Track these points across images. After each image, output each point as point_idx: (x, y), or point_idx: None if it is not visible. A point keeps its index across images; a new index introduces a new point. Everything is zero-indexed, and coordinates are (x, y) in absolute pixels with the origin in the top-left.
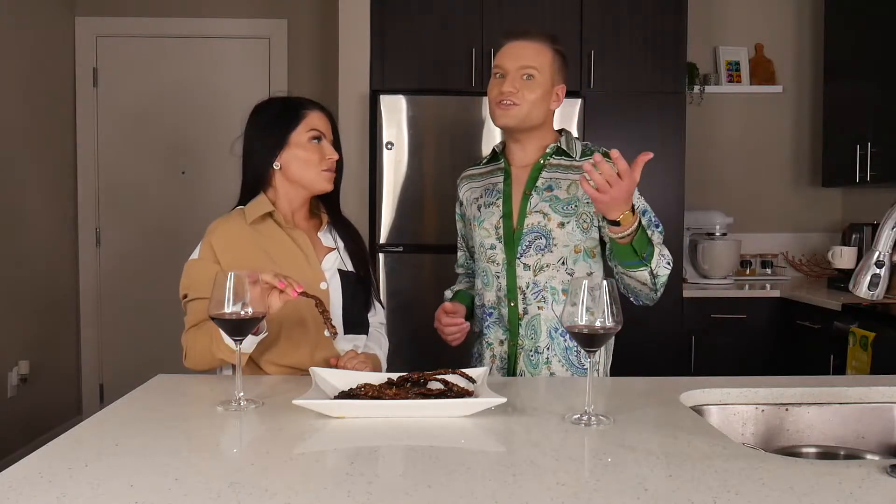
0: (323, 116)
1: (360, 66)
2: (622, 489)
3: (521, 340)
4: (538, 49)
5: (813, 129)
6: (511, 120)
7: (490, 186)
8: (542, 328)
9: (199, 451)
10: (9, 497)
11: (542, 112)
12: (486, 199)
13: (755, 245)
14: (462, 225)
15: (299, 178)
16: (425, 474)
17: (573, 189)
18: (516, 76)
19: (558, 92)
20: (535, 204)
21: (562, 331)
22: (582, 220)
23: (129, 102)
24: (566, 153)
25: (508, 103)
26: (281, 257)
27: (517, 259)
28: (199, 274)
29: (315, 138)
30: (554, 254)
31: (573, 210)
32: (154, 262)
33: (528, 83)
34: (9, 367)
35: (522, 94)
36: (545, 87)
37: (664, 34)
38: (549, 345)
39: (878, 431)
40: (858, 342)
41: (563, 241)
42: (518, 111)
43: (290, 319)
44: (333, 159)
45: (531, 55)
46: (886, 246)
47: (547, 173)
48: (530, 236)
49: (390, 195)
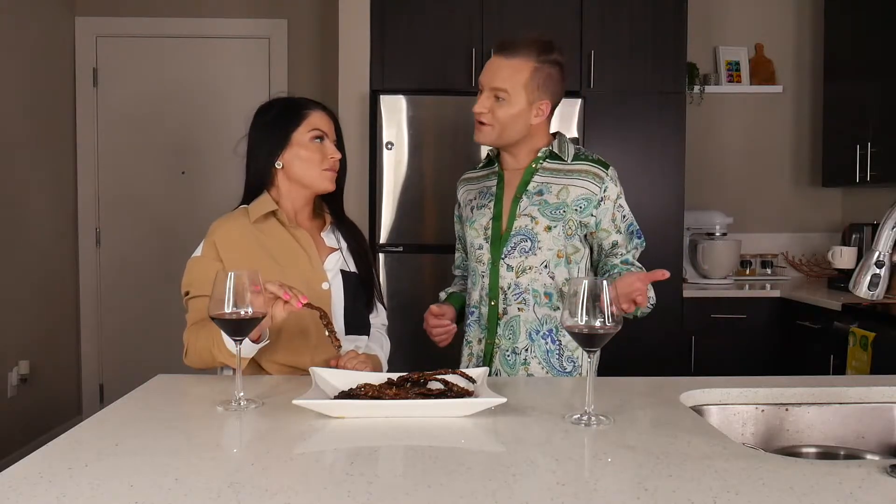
0: (325, 116)
1: (360, 66)
2: (622, 489)
3: (499, 340)
4: (516, 67)
5: (813, 129)
6: (484, 138)
7: (484, 189)
8: (521, 329)
9: (199, 451)
10: (9, 497)
11: (518, 129)
12: (478, 202)
13: (755, 245)
14: (459, 226)
15: (301, 178)
16: (425, 474)
17: (563, 194)
18: (489, 95)
19: (542, 107)
20: (525, 207)
21: (543, 333)
22: (567, 226)
23: (129, 102)
24: (558, 157)
25: (482, 122)
26: (283, 256)
27: (501, 259)
28: (200, 271)
29: (317, 138)
30: (538, 256)
31: (561, 215)
32: (154, 262)
33: (499, 104)
34: (9, 367)
35: (494, 114)
36: (519, 106)
37: (664, 34)
38: (528, 346)
39: (878, 431)
40: (858, 342)
41: (548, 244)
42: (490, 131)
43: (291, 322)
44: (336, 158)
45: (505, 75)
46: (886, 246)
47: (539, 177)
48: (516, 238)
49: (390, 195)
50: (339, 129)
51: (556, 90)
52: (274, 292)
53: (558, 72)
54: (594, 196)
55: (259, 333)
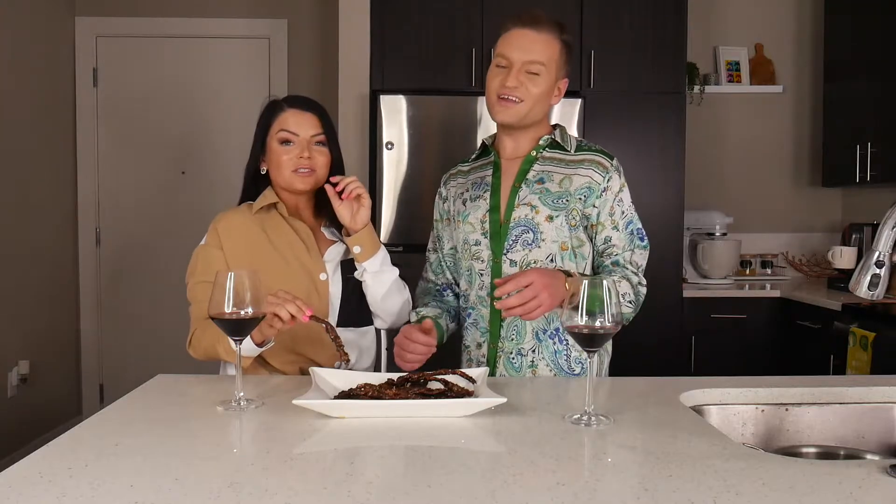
0: (299, 113)
1: (360, 66)
2: (622, 489)
3: (502, 342)
4: (547, 41)
5: (813, 129)
6: (512, 117)
7: (478, 180)
8: (526, 330)
9: (199, 451)
10: (9, 497)
11: (543, 109)
12: (472, 193)
13: (755, 245)
14: (441, 226)
15: (276, 181)
16: (425, 474)
17: (566, 183)
18: (521, 70)
19: (560, 86)
20: (524, 196)
21: (550, 332)
22: (571, 217)
23: (129, 102)
24: (560, 146)
25: (512, 99)
26: (282, 245)
27: (503, 255)
28: (203, 258)
29: (283, 141)
30: (542, 249)
31: (563, 204)
32: (154, 262)
33: (533, 79)
34: (9, 367)
35: (527, 90)
36: (550, 82)
37: (664, 34)
38: (535, 347)
39: (878, 431)
40: (858, 342)
41: (552, 236)
42: (520, 109)
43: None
44: (303, 158)
45: (539, 49)
46: (886, 246)
47: (539, 166)
48: (517, 230)
49: (390, 195)
50: (327, 123)
51: (570, 72)
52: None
53: (570, 54)
54: (597, 185)
55: (263, 338)
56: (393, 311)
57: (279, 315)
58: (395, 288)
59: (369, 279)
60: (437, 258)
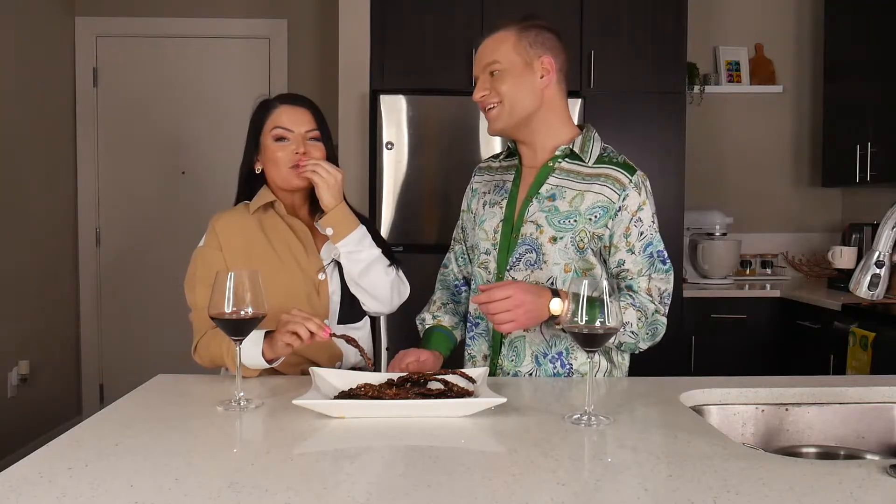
0: (293, 109)
1: (360, 66)
2: (622, 489)
3: (501, 361)
4: (498, 38)
5: (813, 129)
6: (497, 124)
7: (500, 183)
8: (525, 352)
9: (198, 451)
10: (9, 497)
11: (528, 97)
12: (491, 197)
13: (755, 245)
14: (467, 217)
15: (273, 180)
16: (425, 474)
17: (577, 201)
18: (485, 77)
19: (543, 63)
20: (532, 213)
21: (552, 356)
22: (579, 238)
23: (129, 102)
24: (579, 157)
25: (490, 106)
26: (281, 245)
27: (507, 271)
28: (201, 261)
29: (278, 139)
30: (544, 272)
31: (571, 225)
32: (154, 262)
33: (497, 77)
34: (9, 367)
35: (497, 91)
36: (515, 72)
37: (664, 34)
38: (533, 370)
39: (878, 431)
40: (858, 342)
41: (554, 258)
42: (499, 111)
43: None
44: (299, 153)
45: (490, 49)
46: (886, 246)
47: (555, 178)
48: (522, 248)
49: (390, 195)
50: (320, 119)
51: (554, 46)
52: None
53: (548, 32)
54: (612, 205)
55: (275, 356)
56: (374, 292)
57: (298, 333)
58: (376, 267)
59: (344, 260)
60: (461, 249)
